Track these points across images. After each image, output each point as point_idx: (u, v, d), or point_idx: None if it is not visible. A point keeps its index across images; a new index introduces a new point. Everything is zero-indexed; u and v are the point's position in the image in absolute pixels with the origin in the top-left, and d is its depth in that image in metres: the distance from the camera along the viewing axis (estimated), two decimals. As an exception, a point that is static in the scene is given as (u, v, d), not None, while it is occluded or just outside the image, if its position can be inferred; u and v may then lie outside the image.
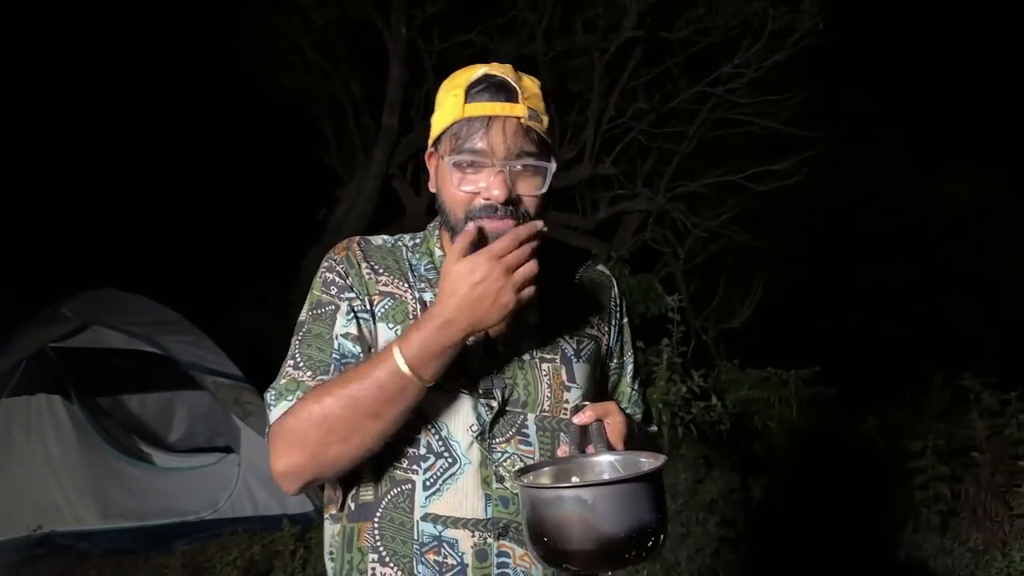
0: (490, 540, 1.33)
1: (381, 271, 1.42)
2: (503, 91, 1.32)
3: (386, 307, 1.39)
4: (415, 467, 1.34)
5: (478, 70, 1.35)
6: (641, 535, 1.07)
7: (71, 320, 5.31)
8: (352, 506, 1.39)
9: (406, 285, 1.41)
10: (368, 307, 1.39)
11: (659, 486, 1.13)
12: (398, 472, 1.35)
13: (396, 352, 1.24)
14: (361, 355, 1.35)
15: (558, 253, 1.46)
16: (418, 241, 1.48)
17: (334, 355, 1.35)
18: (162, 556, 4.66)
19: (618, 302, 1.53)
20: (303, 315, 1.42)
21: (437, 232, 1.46)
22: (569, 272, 1.52)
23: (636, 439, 1.35)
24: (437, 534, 1.33)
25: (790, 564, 3.77)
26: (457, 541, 1.32)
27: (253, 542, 4.58)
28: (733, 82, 6.59)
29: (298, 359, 1.37)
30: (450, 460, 1.34)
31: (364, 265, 1.42)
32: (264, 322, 7.09)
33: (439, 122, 1.36)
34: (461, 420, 1.34)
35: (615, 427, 1.30)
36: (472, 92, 1.32)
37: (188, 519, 4.97)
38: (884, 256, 8.93)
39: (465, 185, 1.32)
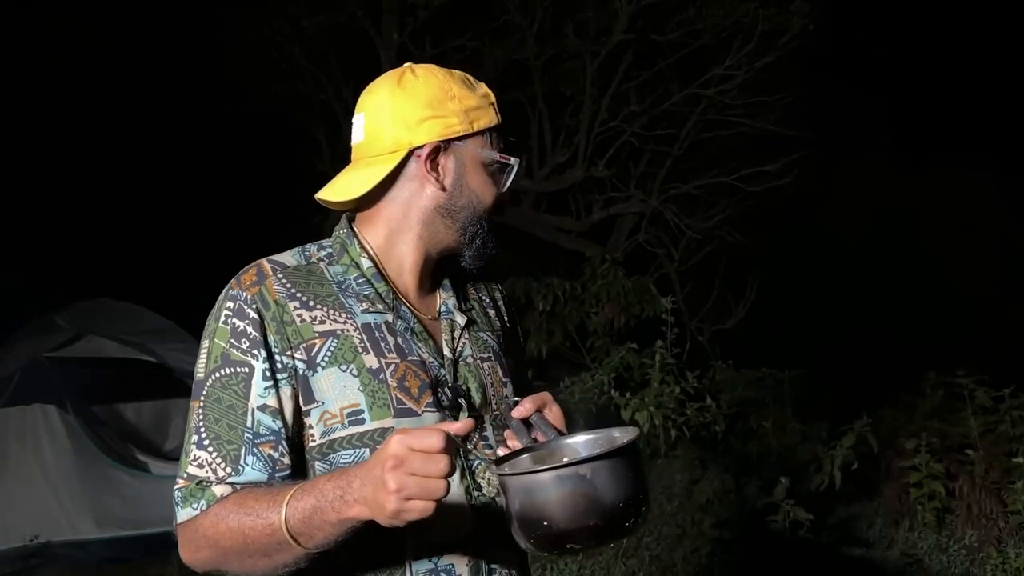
0: (479, 552, 1.28)
1: (313, 303, 1.26)
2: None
3: (332, 350, 1.24)
4: None
5: (465, 75, 1.37)
6: (637, 501, 1.11)
7: (65, 330, 5.32)
8: (335, 565, 1.21)
9: (344, 314, 1.27)
10: (305, 359, 1.23)
11: (639, 454, 1.17)
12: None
13: (283, 508, 1.10)
14: (281, 431, 1.21)
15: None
16: (331, 251, 1.34)
17: (247, 434, 1.20)
18: (158, 564, 4.65)
19: (500, 287, 1.54)
20: (202, 370, 1.24)
21: (356, 240, 1.34)
22: (460, 269, 1.42)
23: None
24: (433, 567, 1.25)
25: (785, 564, 3.78)
26: (453, 566, 1.26)
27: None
28: (724, 84, 6.61)
29: (203, 437, 1.21)
30: None
31: (292, 303, 1.25)
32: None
33: (476, 119, 1.31)
34: None
35: (555, 415, 1.30)
36: (497, 101, 1.36)
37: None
38: (875, 255, 8.96)
39: (503, 184, 1.35)
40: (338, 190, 1.34)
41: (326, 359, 1.24)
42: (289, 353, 1.24)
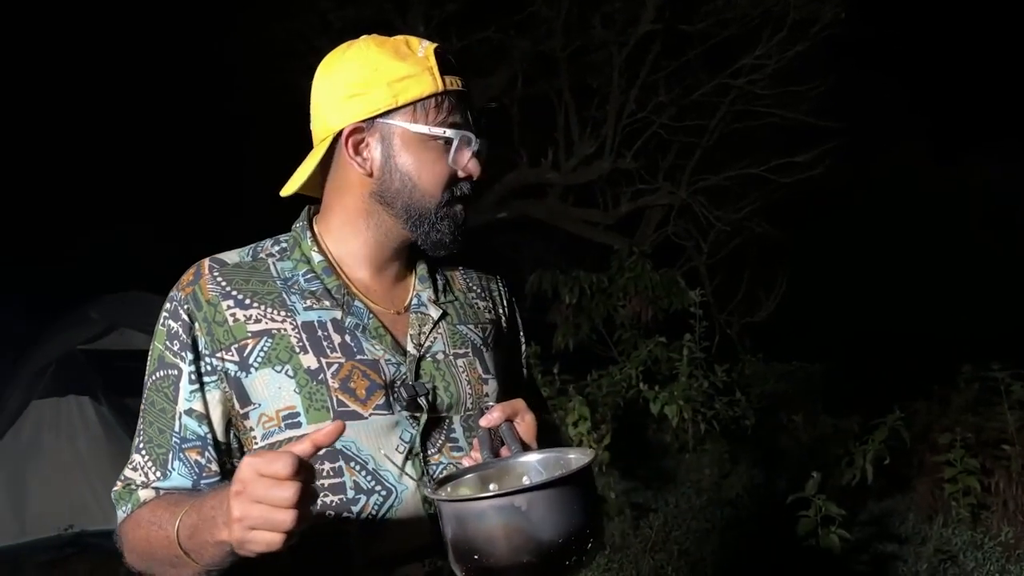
0: (440, 562, 1.17)
1: (249, 302, 1.20)
2: (460, 65, 1.23)
3: (265, 350, 1.17)
4: (345, 515, 1.15)
5: (418, 40, 1.22)
6: (580, 538, 0.97)
7: (98, 322, 5.39)
8: None
9: (283, 312, 1.20)
10: (236, 360, 1.17)
11: (591, 482, 1.04)
12: (323, 528, 1.15)
13: (176, 521, 1.06)
14: (208, 436, 1.17)
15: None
16: (285, 246, 1.27)
17: (174, 439, 1.17)
18: (190, 554, 4.70)
19: (502, 281, 1.43)
20: (146, 372, 1.22)
21: (309, 234, 1.26)
22: (450, 258, 1.35)
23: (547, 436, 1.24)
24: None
25: (816, 559, 3.73)
26: None
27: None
28: (754, 74, 6.53)
29: (140, 440, 1.20)
30: (384, 493, 1.17)
31: (226, 301, 1.20)
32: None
33: (403, 91, 1.17)
34: (386, 443, 1.18)
35: (527, 426, 1.18)
36: (445, 63, 1.20)
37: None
38: (909, 246, 8.82)
39: (452, 162, 1.20)
40: (289, 183, 1.27)
41: (259, 360, 1.17)
42: (220, 355, 1.18)
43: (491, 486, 1.09)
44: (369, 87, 1.18)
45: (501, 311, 1.40)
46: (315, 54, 7.37)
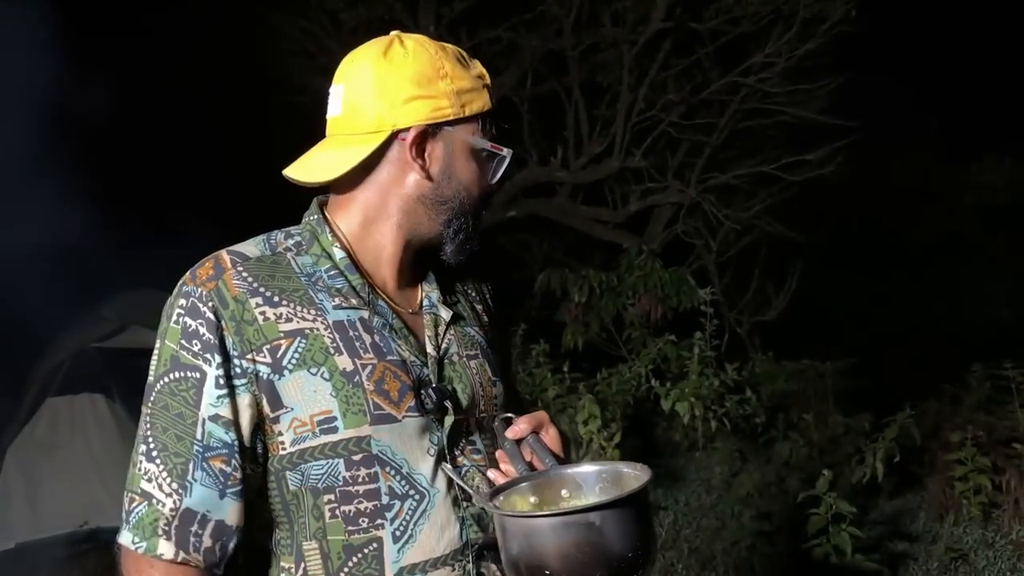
0: (469, 567, 1.16)
1: (278, 299, 1.14)
2: None
3: (300, 351, 1.12)
4: (379, 522, 1.13)
5: (460, 50, 1.24)
6: (647, 551, 1.00)
7: (111, 320, 5.43)
8: None
9: (313, 310, 1.15)
10: (269, 361, 1.12)
11: (648, 496, 1.05)
12: (356, 537, 1.12)
13: None
14: (234, 444, 1.11)
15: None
16: (299, 240, 1.22)
17: (196, 447, 1.10)
18: (203, 551, 4.73)
19: (486, 281, 1.42)
20: (152, 373, 1.14)
21: (328, 228, 1.22)
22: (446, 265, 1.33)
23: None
24: None
25: (827, 558, 3.74)
26: None
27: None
28: (764, 72, 6.52)
29: (152, 448, 1.11)
30: (418, 498, 1.14)
31: (254, 299, 1.13)
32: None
33: (469, 103, 1.19)
34: (418, 446, 1.15)
35: (552, 438, 1.19)
36: (490, 84, 1.24)
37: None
38: (921, 245, 8.79)
39: (490, 175, 1.24)
40: (310, 169, 1.20)
41: (293, 362, 1.12)
42: (250, 356, 1.11)
43: (563, 495, 1.09)
44: (437, 91, 1.16)
45: (490, 313, 1.39)
46: (326, 54, 7.43)
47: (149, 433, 1.12)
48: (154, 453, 1.11)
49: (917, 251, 8.78)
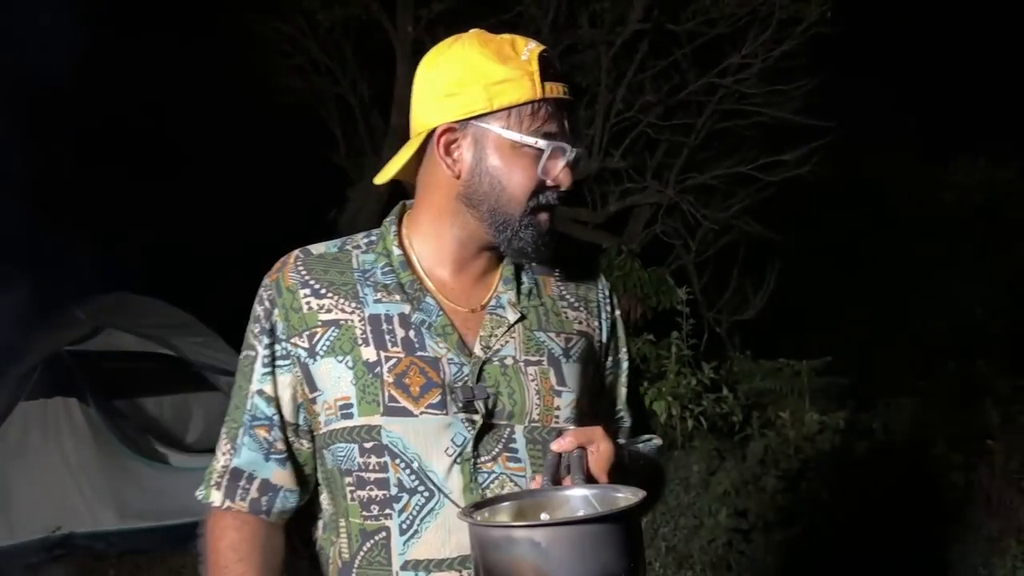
0: None
1: (324, 291, 1.23)
2: (562, 72, 1.21)
3: (331, 339, 1.20)
4: (387, 511, 1.17)
5: (525, 42, 1.20)
6: None
7: (85, 323, 5.39)
8: (339, 563, 1.22)
9: (354, 303, 1.21)
10: (306, 346, 1.21)
11: (631, 527, 0.95)
12: (369, 523, 1.18)
13: None
14: (275, 417, 1.22)
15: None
16: (373, 239, 1.29)
17: (245, 416, 1.24)
18: (178, 555, 4.70)
19: (607, 295, 1.37)
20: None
21: (395, 228, 1.28)
22: (551, 265, 1.33)
23: (627, 468, 1.18)
24: None
25: (802, 554, 3.76)
26: None
27: (268, 540, 4.61)
28: (741, 73, 6.55)
29: (227, 415, 1.28)
30: (427, 495, 1.16)
31: (303, 290, 1.23)
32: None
33: (499, 95, 1.16)
34: (436, 443, 1.16)
35: (599, 456, 1.12)
36: (547, 70, 1.18)
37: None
38: (896, 244, 8.86)
39: (542, 171, 1.19)
40: (381, 172, 1.28)
41: (324, 348, 1.20)
42: (293, 340, 1.22)
43: (542, 517, 1.04)
44: (465, 87, 1.17)
45: (597, 324, 1.33)
46: (303, 54, 7.39)
47: (231, 402, 1.28)
48: (226, 418, 1.27)
49: (893, 250, 8.86)
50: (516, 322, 1.24)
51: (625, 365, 1.39)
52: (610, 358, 1.36)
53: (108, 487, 4.97)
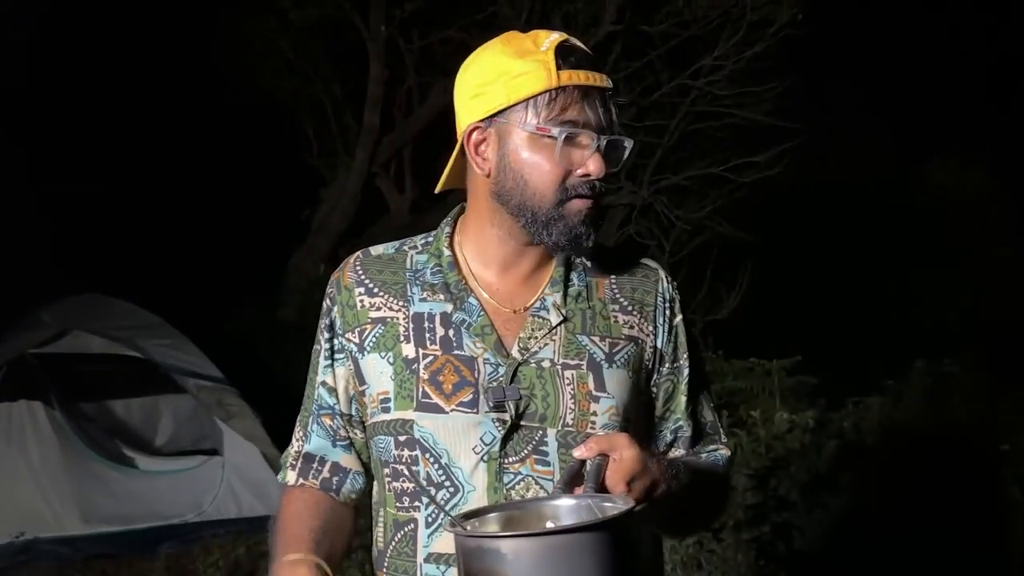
0: None
1: (376, 290, 1.27)
2: (589, 59, 1.19)
3: (377, 336, 1.25)
4: (416, 504, 1.21)
5: (547, 35, 1.20)
6: None
7: (51, 326, 5.30)
8: (376, 551, 1.29)
9: (401, 302, 1.25)
10: (356, 342, 1.26)
11: (614, 539, 0.90)
12: (401, 514, 1.23)
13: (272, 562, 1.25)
14: (336, 406, 1.29)
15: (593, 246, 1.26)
16: (429, 240, 1.31)
17: (314, 405, 1.32)
18: (146, 560, 4.65)
19: (667, 297, 1.31)
20: None
21: (447, 229, 1.29)
22: (603, 265, 1.30)
23: (658, 479, 1.12)
24: (440, 575, 1.19)
25: (771, 553, 3.77)
26: None
27: (238, 544, 4.58)
28: (714, 74, 6.59)
29: (302, 403, 1.36)
30: (452, 490, 1.18)
31: (358, 288, 1.28)
32: (249, 323, 7.08)
33: (518, 88, 1.16)
34: (464, 441, 1.18)
35: (621, 465, 1.06)
36: (565, 58, 1.17)
37: (172, 522, 4.97)
38: (868, 245, 8.95)
39: (562, 160, 1.16)
40: (440, 182, 1.32)
41: (371, 344, 1.26)
42: (347, 335, 1.27)
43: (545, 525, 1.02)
44: (487, 86, 1.18)
45: (651, 329, 1.28)
46: (276, 54, 7.34)
47: (306, 390, 1.35)
48: (304, 406, 1.34)
49: (866, 251, 8.94)
50: (558, 324, 1.22)
51: (686, 372, 1.32)
52: (667, 364, 1.30)
53: (73, 491, 4.89)
